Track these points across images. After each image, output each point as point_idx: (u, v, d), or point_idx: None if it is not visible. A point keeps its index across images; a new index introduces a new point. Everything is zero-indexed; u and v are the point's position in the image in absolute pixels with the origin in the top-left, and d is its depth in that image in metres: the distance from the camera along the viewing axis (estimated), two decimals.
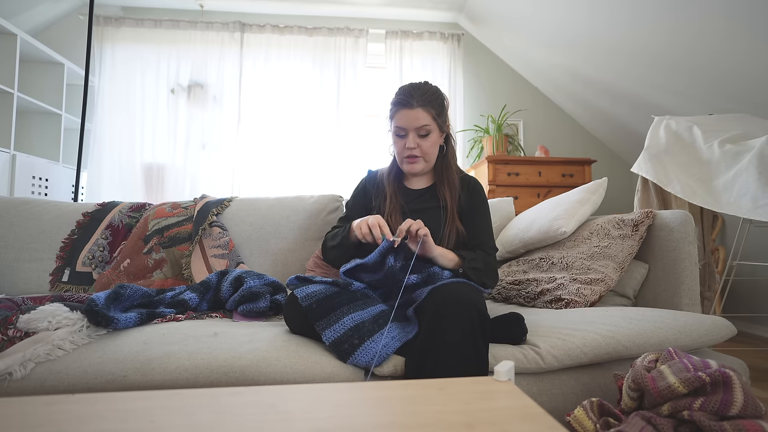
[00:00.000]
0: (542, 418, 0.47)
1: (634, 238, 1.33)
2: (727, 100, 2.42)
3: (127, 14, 3.28)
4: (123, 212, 1.64)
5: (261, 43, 3.27)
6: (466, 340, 0.82)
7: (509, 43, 3.31)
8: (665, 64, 2.48)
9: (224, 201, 1.66)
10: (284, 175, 3.21)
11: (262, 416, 0.48)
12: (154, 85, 3.20)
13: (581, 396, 0.89)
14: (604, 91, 3.04)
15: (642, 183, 2.00)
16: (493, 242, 1.21)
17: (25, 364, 0.82)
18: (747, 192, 1.56)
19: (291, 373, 0.83)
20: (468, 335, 0.82)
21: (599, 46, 2.71)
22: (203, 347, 0.87)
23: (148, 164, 3.18)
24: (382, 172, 1.29)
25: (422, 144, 1.14)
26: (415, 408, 0.51)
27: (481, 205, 1.22)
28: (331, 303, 0.93)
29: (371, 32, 3.33)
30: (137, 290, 1.10)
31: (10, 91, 2.56)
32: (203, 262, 1.49)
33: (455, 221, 1.16)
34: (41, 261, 1.52)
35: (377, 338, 0.86)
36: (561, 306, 1.25)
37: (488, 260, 1.14)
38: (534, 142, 3.46)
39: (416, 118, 1.11)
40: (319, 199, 1.68)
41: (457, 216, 1.18)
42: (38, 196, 2.66)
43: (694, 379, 0.67)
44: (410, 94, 1.13)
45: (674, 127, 1.91)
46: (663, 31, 2.29)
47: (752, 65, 2.12)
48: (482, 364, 0.83)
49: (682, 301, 1.23)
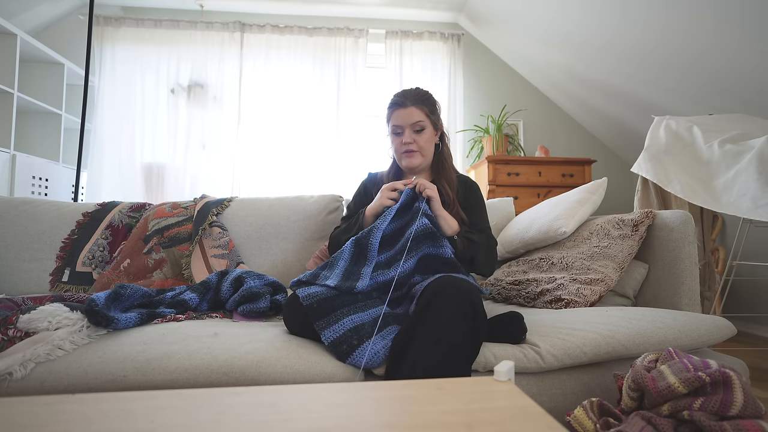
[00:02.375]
0: (542, 418, 0.47)
1: (634, 238, 1.33)
2: (719, 98, 2.42)
3: (127, 14, 3.28)
4: (123, 212, 1.64)
5: (261, 43, 3.27)
6: (454, 327, 0.81)
7: (509, 43, 3.31)
8: (657, 62, 2.49)
9: (224, 201, 1.66)
10: (284, 175, 3.21)
11: (262, 416, 0.48)
12: (154, 85, 3.20)
13: (581, 396, 0.89)
14: (599, 89, 3.04)
15: (642, 183, 2.00)
16: (491, 232, 1.27)
17: (25, 364, 0.82)
18: (747, 192, 1.56)
19: (291, 373, 0.83)
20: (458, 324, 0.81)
21: (593, 45, 2.72)
22: (203, 347, 0.87)
23: (148, 164, 3.18)
24: (382, 174, 1.36)
25: (418, 139, 1.23)
26: (414, 408, 0.51)
27: (478, 202, 1.29)
28: (332, 304, 0.93)
29: (371, 32, 3.33)
30: (137, 290, 1.10)
31: (10, 91, 2.56)
32: (203, 262, 1.49)
33: (457, 208, 1.22)
34: (41, 261, 1.52)
35: (377, 340, 0.86)
36: (561, 306, 1.25)
37: (490, 243, 1.20)
38: (534, 142, 3.46)
39: (410, 115, 1.22)
40: (319, 199, 1.68)
41: (458, 204, 1.23)
42: (38, 196, 2.66)
43: (694, 379, 0.67)
44: (404, 95, 1.25)
45: (674, 127, 1.91)
46: (654, 29, 2.31)
47: (743, 63, 2.13)
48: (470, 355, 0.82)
49: (682, 301, 1.23)
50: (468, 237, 1.15)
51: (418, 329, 0.82)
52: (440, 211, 1.12)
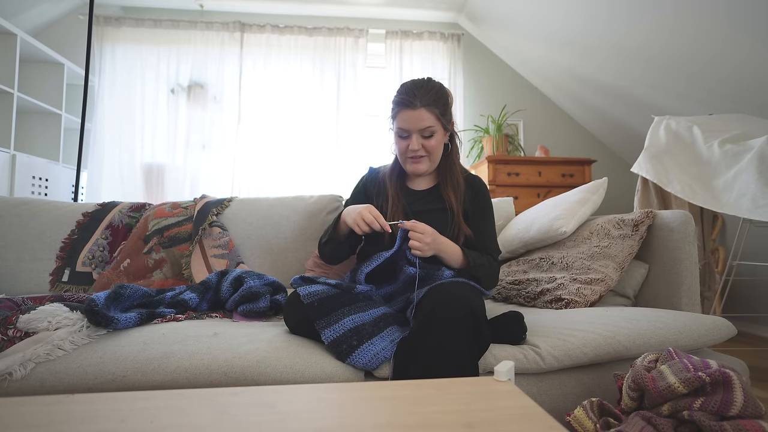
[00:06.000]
0: (542, 418, 0.47)
1: (634, 238, 1.33)
2: (728, 101, 2.42)
3: (127, 14, 3.28)
4: (123, 212, 1.64)
5: (261, 43, 3.27)
6: (458, 342, 0.80)
7: (509, 43, 3.31)
8: (663, 65, 2.48)
9: (224, 201, 1.66)
10: (284, 175, 3.21)
11: (262, 416, 0.48)
12: (154, 85, 3.20)
13: (581, 396, 0.89)
14: (602, 90, 3.04)
15: (642, 183, 2.00)
16: (497, 245, 1.19)
17: (25, 364, 0.82)
18: (747, 192, 1.56)
19: (291, 373, 0.83)
20: (459, 337, 0.80)
21: (597, 46, 2.71)
22: (203, 347, 0.87)
23: (148, 164, 3.18)
24: (384, 171, 1.25)
25: (426, 144, 1.10)
26: (414, 408, 0.51)
27: (485, 207, 1.20)
28: (333, 303, 0.93)
29: (371, 32, 3.33)
30: (137, 290, 1.10)
31: (10, 91, 2.56)
32: (203, 262, 1.49)
33: (461, 224, 1.13)
34: (41, 261, 1.52)
35: (376, 341, 0.86)
36: (561, 306, 1.25)
37: (493, 265, 1.13)
38: (534, 142, 3.46)
39: (419, 119, 1.07)
40: (319, 199, 1.68)
41: (462, 218, 1.15)
42: (38, 196, 2.66)
43: (694, 379, 0.67)
44: (413, 93, 1.08)
45: (674, 127, 1.91)
46: (662, 29, 2.29)
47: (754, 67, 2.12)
48: (473, 367, 0.82)
49: (682, 301, 1.23)
50: (474, 274, 1.07)
51: (421, 348, 0.81)
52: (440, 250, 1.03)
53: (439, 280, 0.99)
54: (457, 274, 1.06)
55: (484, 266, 1.09)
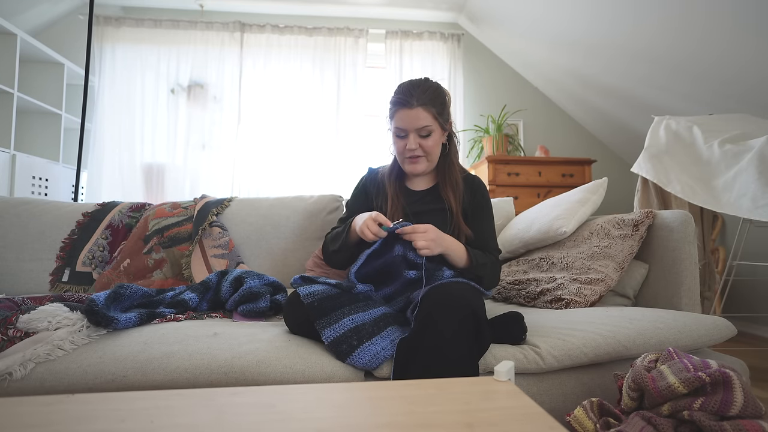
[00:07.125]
0: (542, 418, 0.47)
1: (634, 238, 1.33)
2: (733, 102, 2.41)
3: (127, 14, 3.28)
4: (123, 212, 1.64)
5: (261, 43, 3.27)
6: (458, 342, 0.80)
7: (509, 43, 3.31)
8: (668, 65, 2.48)
9: (224, 201, 1.66)
10: (284, 175, 3.21)
11: (262, 416, 0.48)
12: (154, 85, 3.20)
13: (581, 396, 0.89)
14: (604, 91, 3.04)
15: (642, 183, 2.00)
16: (497, 244, 1.19)
17: (25, 364, 0.82)
18: (747, 192, 1.56)
19: (291, 373, 0.83)
20: (460, 338, 0.80)
21: (598, 46, 2.71)
22: (203, 347, 0.87)
23: (148, 164, 3.18)
24: (383, 171, 1.25)
25: (424, 144, 1.10)
26: (414, 408, 0.51)
27: (485, 207, 1.19)
28: (333, 303, 0.93)
29: (371, 32, 3.33)
30: (137, 290, 1.10)
31: (10, 91, 2.56)
32: (203, 262, 1.49)
33: (460, 224, 1.13)
34: (41, 261, 1.52)
35: (376, 341, 0.86)
36: (561, 306, 1.25)
37: (495, 264, 1.13)
38: (534, 142, 3.46)
39: (416, 118, 1.07)
40: (319, 199, 1.68)
41: (461, 218, 1.15)
42: (38, 196, 2.66)
43: (694, 379, 0.67)
44: (410, 93, 1.08)
45: (674, 127, 1.91)
46: (668, 29, 2.29)
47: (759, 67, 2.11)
48: (473, 368, 0.82)
49: (682, 301, 1.23)
50: (477, 273, 1.07)
51: (421, 348, 0.81)
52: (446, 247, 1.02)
53: (439, 280, 0.98)
54: (459, 274, 1.06)
55: (487, 265, 1.09)
